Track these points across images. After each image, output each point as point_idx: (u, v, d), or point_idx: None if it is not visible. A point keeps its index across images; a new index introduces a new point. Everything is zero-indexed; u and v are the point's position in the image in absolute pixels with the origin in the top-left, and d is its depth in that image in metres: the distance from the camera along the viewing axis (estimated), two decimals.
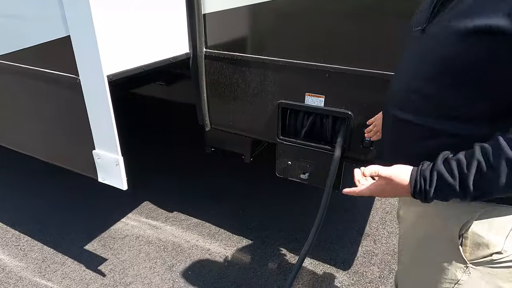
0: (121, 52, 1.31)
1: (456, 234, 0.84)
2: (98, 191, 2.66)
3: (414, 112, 0.86)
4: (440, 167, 0.75)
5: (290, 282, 1.59)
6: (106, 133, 1.32)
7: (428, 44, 0.84)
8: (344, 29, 1.41)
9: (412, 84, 0.87)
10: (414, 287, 1.03)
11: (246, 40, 1.64)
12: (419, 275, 0.99)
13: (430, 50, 0.83)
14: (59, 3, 1.17)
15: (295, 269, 1.59)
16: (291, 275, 1.59)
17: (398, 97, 0.91)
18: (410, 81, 0.88)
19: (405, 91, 0.88)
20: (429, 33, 0.85)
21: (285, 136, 1.73)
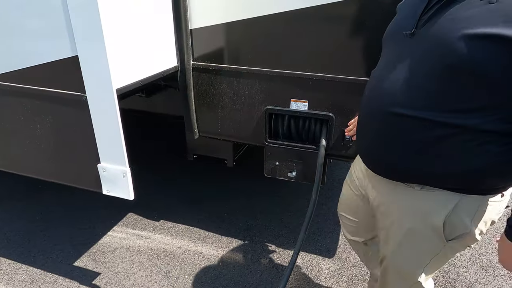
0: (124, 67, 1.38)
1: (440, 225, 1.05)
2: (76, 208, 2.64)
3: (415, 107, 0.93)
4: None
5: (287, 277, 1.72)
6: (114, 146, 1.38)
7: (426, 45, 0.92)
8: (323, 41, 1.59)
9: (413, 82, 0.94)
10: (402, 266, 1.22)
11: (232, 52, 1.77)
12: (406, 256, 1.19)
13: (429, 51, 0.91)
14: (67, 23, 1.22)
15: (290, 263, 1.72)
16: (287, 271, 1.72)
17: (396, 95, 0.98)
18: (410, 79, 0.95)
19: (406, 89, 0.95)
20: (424, 35, 0.94)
21: (272, 139, 1.88)
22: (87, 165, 1.46)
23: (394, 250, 1.22)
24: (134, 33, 1.44)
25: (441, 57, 0.88)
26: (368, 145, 1.14)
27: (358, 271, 2.11)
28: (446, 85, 0.89)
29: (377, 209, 1.24)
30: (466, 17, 0.84)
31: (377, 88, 1.06)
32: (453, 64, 0.86)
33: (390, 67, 1.03)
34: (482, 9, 0.82)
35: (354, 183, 1.38)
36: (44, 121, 1.46)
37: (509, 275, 2.07)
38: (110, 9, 1.25)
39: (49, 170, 1.55)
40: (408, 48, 0.98)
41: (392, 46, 1.07)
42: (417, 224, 1.10)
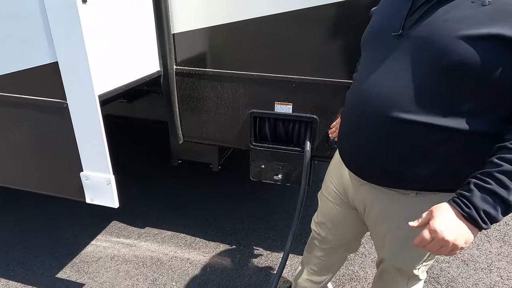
0: (106, 73, 1.36)
1: None
2: (57, 217, 2.57)
3: (416, 111, 0.91)
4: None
5: (276, 279, 1.73)
6: (97, 154, 1.35)
7: (419, 46, 0.90)
8: (305, 44, 1.61)
9: (411, 85, 0.91)
10: (403, 265, 1.24)
11: (215, 56, 1.76)
12: (407, 257, 1.21)
13: (424, 52, 0.89)
14: (46, 29, 1.19)
15: (280, 265, 1.73)
16: (277, 273, 1.73)
17: (395, 99, 0.95)
18: (407, 82, 0.92)
19: (404, 92, 0.93)
20: (414, 36, 0.92)
21: (257, 142, 1.88)
22: (69, 174, 1.43)
23: (395, 253, 1.22)
24: (115, 38, 1.42)
25: (437, 58, 0.87)
26: (358, 152, 1.09)
27: (345, 271, 2.13)
28: (446, 87, 0.88)
29: (368, 217, 1.22)
30: (461, 18, 0.84)
31: (368, 93, 1.01)
32: (452, 66, 0.86)
33: (378, 71, 0.99)
34: (476, 11, 0.83)
35: (333, 195, 1.34)
36: (22, 129, 1.42)
37: (489, 269, 2.15)
38: (91, 14, 1.23)
39: (29, 180, 1.50)
40: (397, 50, 0.95)
41: (374, 49, 1.05)
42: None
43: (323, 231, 1.45)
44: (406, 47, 0.93)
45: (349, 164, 1.17)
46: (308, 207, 2.70)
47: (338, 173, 1.31)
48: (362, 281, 2.07)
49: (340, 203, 1.33)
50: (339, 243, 1.46)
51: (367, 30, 1.11)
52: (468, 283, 2.05)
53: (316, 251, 1.53)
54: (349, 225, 1.37)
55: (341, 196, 1.31)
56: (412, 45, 0.92)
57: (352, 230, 1.39)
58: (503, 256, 2.25)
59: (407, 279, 1.28)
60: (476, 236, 0.85)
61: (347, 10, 1.50)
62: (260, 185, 2.84)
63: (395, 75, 0.95)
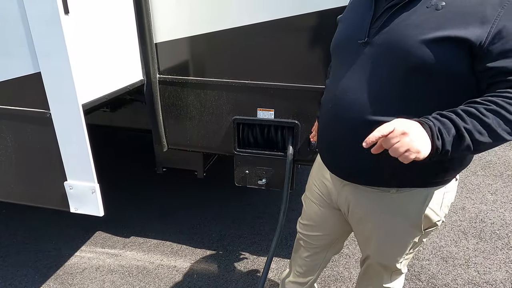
0: (89, 82, 1.37)
1: (420, 221, 1.14)
2: (39, 229, 2.53)
3: (386, 113, 0.96)
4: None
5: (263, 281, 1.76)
6: (81, 163, 1.36)
7: (384, 51, 0.97)
8: (284, 52, 1.67)
9: (379, 88, 0.98)
10: (386, 260, 1.30)
11: (197, 65, 1.80)
12: (390, 252, 1.27)
13: (389, 56, 0.96)
14: (28, 39, 1.20)
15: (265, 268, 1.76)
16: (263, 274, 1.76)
17: (366, 103, 1.00)
18: (375, 86, 0.98)
19: (374, 96, 0.99)
20: (379, 42, 0.98)
21: (241, 148, 1.92)
22: (53, 183, 1.42)
23: (378, 249, 1.29)
24: (98, 48, 1.44)
25: (402, 61, 0.93)
26: (337, 154, 1.15)
27: (330, 272, 2.17)
28: (411, 88, 0.95)
29: (352, 217, 1.27)
30: (419, 23, 0.91)
31: (340, 99, 1.06)
32: (415, 67, 0.92)
33: (349, 77, 1.05)
34: (432, 15, 0.90)
35: (316, 196, 1.38)
36: (5, 140, 1.41)
37: (467, 264, 2.23)
38: (73, 24, 1.25)
39: (12, 192, 1.49)
40: (364, 56, 1.01)
41: (343, 56, 1.09)
42: (398, 224, 1.18)
43: (308, 232, 1.49)
44: (372, 53, 1.00)
45: (329, 167, 1.22)
46: (293, 211, 2.75)
47: (320, 175, 1.36)
48: (347, 281, 2.12)
49: (323, 205, 1.37)
50: (323, 244, 1.50)
51: (335, 37, 1.17)
52: (447, 279, 2.12)
53: (302, 251, 1.57)
54: (333, 225, 1.41)
55: (325, 198, 1.35)
56: (377, 51, 0.99)
57: (336, 230, 1.44)
58: (480, 252, 2.35)
59: (391, 273, 1.35)
60: (427, 154, 0.84)
61: (322, 19, 1.56)
62: (246, 190, 2.87)
63: (364, 80, 1.01)
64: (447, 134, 0.84)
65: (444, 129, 0.84)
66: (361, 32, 1.02)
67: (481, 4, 0.87)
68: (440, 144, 0.84)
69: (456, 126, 0.84)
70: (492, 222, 2.65)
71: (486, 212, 2.77)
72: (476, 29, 0.86)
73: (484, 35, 0.86)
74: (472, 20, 0.87)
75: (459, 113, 0.86)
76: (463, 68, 0.91)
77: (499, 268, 2.20)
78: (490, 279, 2.12)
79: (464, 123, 0.84)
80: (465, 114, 0.85)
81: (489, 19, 0.86)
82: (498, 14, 0.85)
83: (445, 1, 0.90)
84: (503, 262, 2.25)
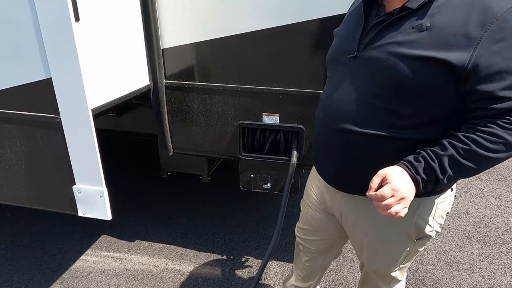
0: (98, 87, 1.39)
1: (410, 230, 1.15)
2: (45, 234, 2.54)
3: (369, 125, 1.01)
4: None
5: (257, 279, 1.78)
6: (90, 167, 1.38)
7: (371, 67, 1.00)
8: (290, 57, 1.69)
9: (364, 102, 1.01)
10: (380, 268, 1.31)
11: (203, 70, 1.82)
12: (383, 260, 1.28)
13: (375, 72, 0.99)
14: (40, 46, 1.23)
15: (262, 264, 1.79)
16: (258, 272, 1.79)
17: (350, 115, 1.04)
18: (361, 100, 1.02)
19: (358, 108, 1.02)
20: (367, 58, 1.01)
21: (246, 152, 1.94)
22: (61, 187, 1.44)
23: (371, 257, 1.29)
24: (107, 54, 1.46)
25: (387, 77, 0.96)
26: (327, 163, 1.19)
27: (334, 276, 2.18)
28: (394, 102, 0.97)
29: (345, 223, 1.29)
30: (404, 42, 0.93)
31: (330, 109, 1.12)
32: (399, 83, 0.95)
33: (339, 89, 1.09)
34: (416, 36, 0.92)
35: (313, 201, 1.40)
36: (14, 144, 1.43)
37: (472, 269, 2.23)
38: (83, 31, 1.27)
39: (21, 195, 1.50)
40: (353, 70, 1.05)
41: (336, 69, 1.14)
42: (389, 232, 1.18)
43: (306, 237, 1.51)
44: (359, 67, 1.03)
45: (321, 174, 1.25)
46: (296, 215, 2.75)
47: (316, 181, 1.37)
48: (351, 285, 2.12)
49: (319, 210, 1.39)
50: (321, 249, 1.52)
51: (329, 51, 1.21)
52: (452, 283, 2.12)
53: (301, 256, 1.58)
54: (329, 230, 1.42)
55: (320, 203, 1.37)
56: (364, 66, 1.02)
57: (333, 235, 1.45)
58: (484, 257, 2.35)
59: (389, 281, 1.34)
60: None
61: (327, 25, 1.58)
62: (251, 194, 2.88)
63: (350, 92, 1.05)
64: (429, 184, 0.95)
65: (427, 180, 0.95)
66: (351, 46, 1.06)
67: (464, 27, 0.87)
68: (423, 190, 0.96)
69: (438, 178, 0.94)
70: (497, 226, 2.64)
71: (490, 216, 2.77)
72: (458, 53, 0.87)
73: (467, 58, 0.87)
74: (455, 43, 0.88)
75: (441, 160, 0.92)
76: (449, 89, 0.92)
77: (504, 273, 2.20)
78: (495, 284, 2.12)
79: (442, 175, 0.93)
80: (447, 160, 0.92)
81: (472, 42, 0.86)
82: (481, 37, 0.86)
83: (430, 22, 0.91)
84: (508, 267, 2.25)
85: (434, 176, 0.93)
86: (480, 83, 0.88)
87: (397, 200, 0.92)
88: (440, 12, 0.91)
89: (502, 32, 0.85)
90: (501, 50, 0.85)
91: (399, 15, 0.95)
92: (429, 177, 0.94)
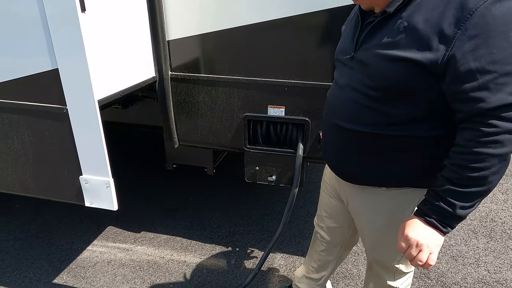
0: (105, 78, 1.40)
1: None
2: (52, 224, 2.57)
3: (362, 123, 1.05)
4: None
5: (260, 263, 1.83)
6: (96, 157, 1.38)
7: (360, 68, 1.03)
8: (296, 49, 1.68)
9: (356, 100, 1.05)
10: (381, 257, 1.32)
11: (209, 62, 1.82)
12: (383, 249, 1.29)
13: (363, 73, 1.02)
14: (46, 37, 1.23)
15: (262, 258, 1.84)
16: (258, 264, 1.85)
17: (345, 112, 1.10)
18: (353, 99, 1.06)
19: (352, 107, 1.06)
20: (358, 59, 1.04)
21: (251, 145, 1.94)
22: (68, 178, 1.45)
23: (372, 246, 1.32)
24: (113, 45, 1.47)
25: (372, 79, 0.99)
26: (329, 155, 1.26)
27: (339, 269, 2.18)
28: (381, 103, 0.99)
29: (351, 210, 1.34)
30: (387, 43, 0.94)
31: (331, 105, 1.19)
32: (383, 85, 0.97)
33: (337, 87, 1.15)
34: (397, 36, 0.92)
35: (327, 187, 1.46)
36: (22, 135, 1.44)
37: (477, 263, 2.22)
38: (89, 22, 1.27)
39: (29, 185, 1.52)
40: (349, 70, 1.09)
41: (338, 67, 1.19)
42: (388, 221, 1.20)
43: (323, 224, 1.56)
44: (353, 68, 1.07)
45: (328, 164, 1.31)
46: (301, 208, 2.76)
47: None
48: (356, 278, 2.12)
49: (332, 196, 1.44)
50: (337, 239, 1.55)
51: (336, 48, 1.23)
52: (457, 277, 2.12)
53: (317, 245, 1.63)
54: (342, 216, 1.45)
55: (332, 189, 1.43)
56: (356, 67, 1.06)
57: (345, 222, 1.47)
58: (490, 251, 2.33)
59: (393, 272, 1.34)
60: (443, 239, 0.96)
61: (333, 17, 1.57)
62: (256, 187, 2.89)
63: (347, 91, 1.09)
64: (450, 221, 0.93)
65: (442, 217, 0.93)
66: (349, 47, 1.09)
67: (439, 25, 0.85)
68: (450, 229, 0.95)
69: (454, 213, 0.91)
70: (503, 221, 2.63)
71: (497, 211, 2.75)
72: (431, 53, 0.86)
73: (439, 58, 0.86)
74: (429, 43, 0.86)
75: (443, 197, 0.92)
76: (430, 89, 0.92)
77: (510, 268, 2.19)
78: (501, 278, 2.11)
79: (453, 209, 0.91)
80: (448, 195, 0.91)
81: (446, 41, 0.85)
82: (454, 35, 0.84)
83: (408, 22, 0.91)
84: None
85: (448, 213, 0.92)
86: (452, 83, 0.86)
87: (414, 248, 0.94)
88: (417, 11, 0.90)
89: (477, 29, 0.82)
90: (474, 48, 0.82)
91: (382, 17, 0.97)
92: (443, 214, 0.93)
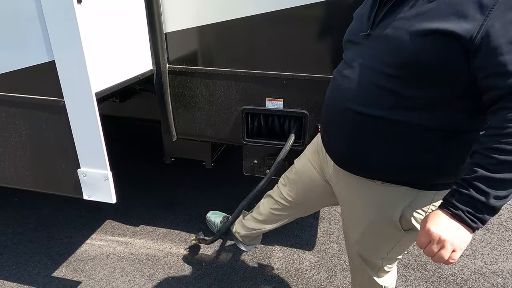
0: (102, 71, 1.39)
1: (397, 218, 1.12)
2: (51, 218, 2.57)
3: (375, 106, 0.98)
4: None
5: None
6: (94, 150, 1.38)
7: (380, 45, 0.97)
8: (294, 42, 1.67)
9: (372, 81, 0.98)
10: (366, 253, 1.29)
11: (207, 54, 1.81)
12: (369, 245, 1.26)
13: (383, 50, 0.96)
14: (42, 28, 1.22)
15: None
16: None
17: (356, 94, 1.02)
18: (368, 79, 0.99)
19: (365, 88, 1.00)
20: (377, 36, 0.99)
21: (250, 138, 1.93)
22: (66, 171, 1.45)
23: (357, 239, 1.28)
24: (110, 37, 1.45)
25: (393, 55, 0.93)
26: (330, 141, 1.19)
27: (337, 261, 2.20)
28: (398, 82, 0.93)
29: (339, 196, 1.31)
30: (413, 16, 0.90)
31: (338, 88, 1.11)
32: (404, 62, 0.91)
33: (347, 68, 1.08)
34: (425, 8, 0.88)
35: (316, 159, 1.40)
36: (19, 128, 1.43)
37: (474, 255, 2.24)
38: (86, 14, 1.26)
39: (26, 179, 1.51)
40: (364, 49, 1.03)
41: (350, 48, 1.13)
42: (378, 217, 1.16)
43: (289, 187, 1.53)
44: (370, 46, 1.02)
45: (326, 149, 1.25)
46: None
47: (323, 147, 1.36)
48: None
49: (319, 172, 1.40)
50: (299, 204, 1.54)
51: (347, 31, 1.20)
52: (454, 269, 2.14)
53: (270, 202, 1.64)
54: (316, 191, 1.43)
55: (321, 166, 1.38)
56: (374, 44, 1.00)
57: (317, 198, 1.46)
58: (486, 243, 2.35)
59: (377, 270, 1.31)
60: (471, 236, 0.88)
61: (333, 8, 1.56)
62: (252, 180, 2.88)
63: (359, 71, 1.03)
64: (482, 213, 0.84)
65: (473, 209, 0.84)
66: (365, 25, 1.05)
67: None
68: (480, 224, 0.85)
69: (486, 204, 0.83)
70: (499, 213, 2.64)
71: None
72: (467, 23, 0.81)
73: (476, 29, 0.81)
74: (464, 12, 0.82)
75: (474, 184, 0.83)
76: (457, 66, 0.86)
77: (506, 259, 2.21)
78: (497, 270, 2.13)
79: (487, 198, 0.82)
80: (480, 182, 0.83)
81: (483, 10, 0.80)
82: (494, 4, 0.79)
83: None
84: (510, 253, 2.26)
85: (480, 204, 0.83)
86: (490, 56, 0.80)
87: (436, 245, 0.87)
88: None
89: None
90: None
91: None
92: (473, 206, 0.84)
